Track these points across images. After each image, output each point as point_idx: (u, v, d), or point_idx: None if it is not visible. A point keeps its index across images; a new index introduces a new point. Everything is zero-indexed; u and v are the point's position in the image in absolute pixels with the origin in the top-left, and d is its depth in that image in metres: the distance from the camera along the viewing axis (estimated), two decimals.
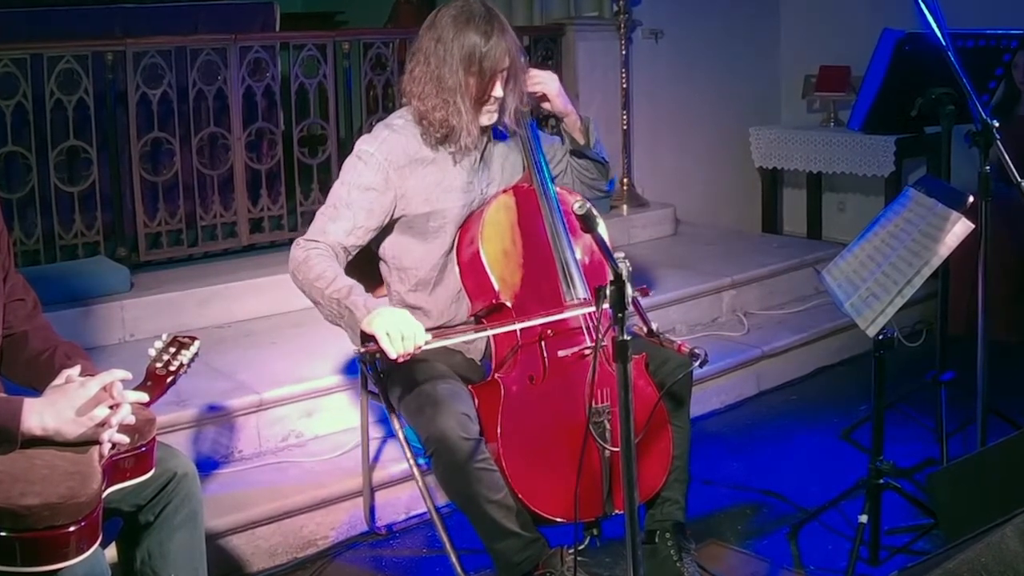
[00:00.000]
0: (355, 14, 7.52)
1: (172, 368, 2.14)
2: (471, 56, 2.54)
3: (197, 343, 2.23)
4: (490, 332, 2.55)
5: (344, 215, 2.58)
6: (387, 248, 2.74)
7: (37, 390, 2.07)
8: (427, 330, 2.40)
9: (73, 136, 3.98)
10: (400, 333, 2.33)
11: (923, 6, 2.74)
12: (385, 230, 2.69)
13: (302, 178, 4.52)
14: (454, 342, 2.61)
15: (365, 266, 2.77)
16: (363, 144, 2.65)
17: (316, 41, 4.48)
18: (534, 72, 2.75)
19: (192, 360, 2.20)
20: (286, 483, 3.11)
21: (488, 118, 2.63)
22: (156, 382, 2.11)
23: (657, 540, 2.69)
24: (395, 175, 2.61)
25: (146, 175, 4.15)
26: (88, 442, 1.91)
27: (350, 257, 2.61)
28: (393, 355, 2.33)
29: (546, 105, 2.78)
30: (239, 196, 4.34)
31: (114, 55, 4.02)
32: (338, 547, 3.08)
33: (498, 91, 2.59)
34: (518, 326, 2.51)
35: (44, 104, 3.90)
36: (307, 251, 2.53)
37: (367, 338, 2.38)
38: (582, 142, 2.81)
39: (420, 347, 2.36)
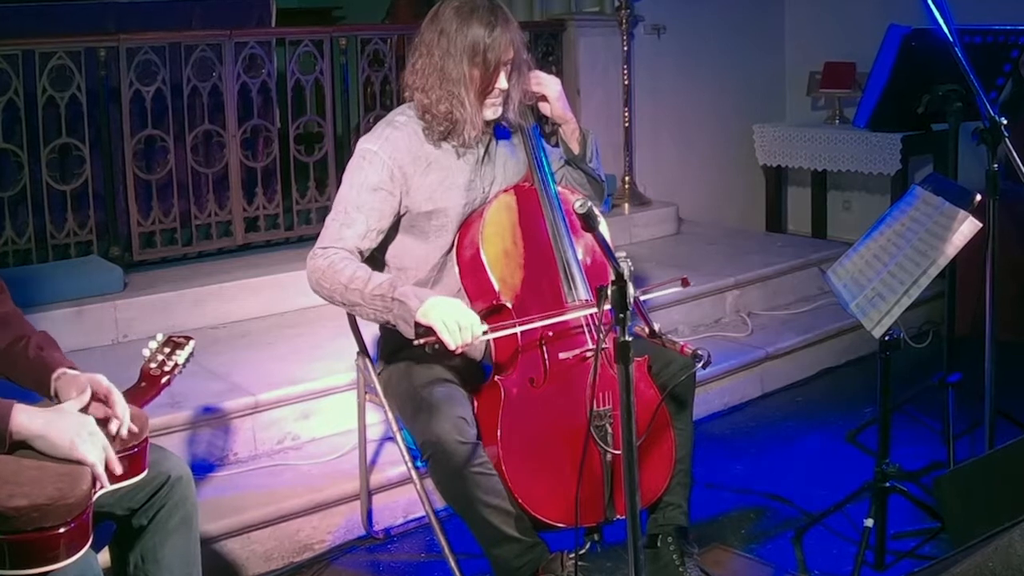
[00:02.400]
0: (352, 10, 7.48)
1: (166, 369, 2.15)
2: (475, 47, 2.51)
3: (192, 343, 2.23)
4: (544, 322, 2.47)
5: (357, 219, 2.53)
6: (387, 248, 2.69)
7: (12, 381, 2.06)
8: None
9: (65, 133, 3.93)
10: (457, 323, 2.31)
11: (930, 2, 2.71)
12: (388, 230, 2.64)
13: (298, 176, 4.47)
14: (507, 334, 2.54)
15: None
16: (366, 143, 2.60)
17: (313, 37, 4.45)
18: (537, 72, 2.72)
19: (187, 361, 2.20)
20: (282, 486, 3.08)
21: (492, 111, 2.60)
22: (150, 383, 2.11)
23: (659, 544, 2.66)
24: (399, 173, 2.57)
25: (140, 173, 4.11)
26: (73, 460, 1.86)
27: (362, 260, 2.57)
28: (452, 346, 2.31)
29: (544, 107, 2.74)
30: (234, 194, 4.30)
31: (107, 51, 3.98)
32: (335, 551, 3.06)
33: (502, 83, 2.56)
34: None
35: (36, 101, 3.86)
36: (329, 258, 2.48)
37: (420, 328, 2.34)
38: (576, 152, 2.77)
39: (478, 337, 2.34)
